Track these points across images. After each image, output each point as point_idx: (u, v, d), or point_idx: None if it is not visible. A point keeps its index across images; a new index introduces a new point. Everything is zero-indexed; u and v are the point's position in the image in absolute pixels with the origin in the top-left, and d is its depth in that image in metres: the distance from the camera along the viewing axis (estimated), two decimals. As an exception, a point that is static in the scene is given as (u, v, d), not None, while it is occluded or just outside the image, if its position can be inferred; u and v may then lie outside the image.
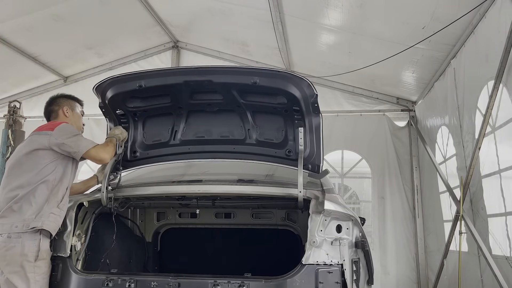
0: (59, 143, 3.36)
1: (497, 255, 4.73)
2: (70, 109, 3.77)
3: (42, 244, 3.17)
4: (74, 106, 3.82)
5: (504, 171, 4.69)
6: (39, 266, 3.14)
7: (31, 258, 3.12)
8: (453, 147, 6.06)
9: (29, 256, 3.11)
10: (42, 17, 7.00)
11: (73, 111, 3.79)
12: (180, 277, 3.16)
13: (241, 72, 3.64)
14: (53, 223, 3.23)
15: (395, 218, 7.81)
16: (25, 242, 3.13)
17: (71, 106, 3.79)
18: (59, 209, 3.30)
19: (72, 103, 3.82)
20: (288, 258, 3.58)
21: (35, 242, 3.15)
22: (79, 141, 3.43)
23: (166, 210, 4.67)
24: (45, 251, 3.19)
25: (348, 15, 5.79)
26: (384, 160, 7.98)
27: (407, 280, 7.65)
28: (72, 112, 3.78)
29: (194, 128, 3.96)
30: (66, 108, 3.74)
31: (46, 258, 3.21)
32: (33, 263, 3.12)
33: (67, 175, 3.44)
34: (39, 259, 3.14)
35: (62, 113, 3.72)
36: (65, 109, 3.73)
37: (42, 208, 3.22)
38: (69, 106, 3.77)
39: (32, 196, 3.24)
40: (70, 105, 3.79)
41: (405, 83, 7.42)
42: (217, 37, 8.18)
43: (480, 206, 5.13)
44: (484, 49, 4.87)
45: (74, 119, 3.76)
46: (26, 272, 3.10)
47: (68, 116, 3.73)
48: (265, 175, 4.08)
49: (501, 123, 4.75)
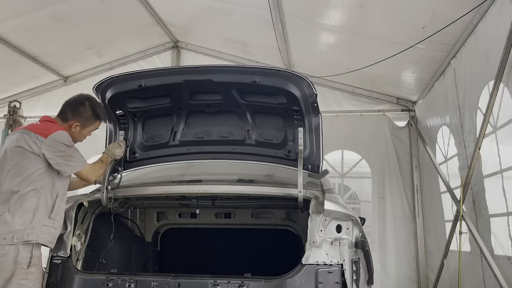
0: (49, 157, 3.16)
1: (499, 255, 4.73)
2: (81, 126, 3.44)
3: (35, 251, 3.11)
4: (90, 124, 3.47)
5: (505, 171, 4.68)
6: (31, 273, 3.08)
7: (24, 265, 3.05)
8: (455, 147, 6.05)
9: (22, 263, 3.05)
10: (42, 17, 7.00)
11: (82, 129, 3.45)
12: (180, 277, 3.16)
13: (241, 71, 3.65)
14: (48, 235, 3.15)
15: (395, 218, 7.81)
16: (19, 248, 3.05)
17: (85, 124, 3.44)
18: (51, 219, 3.18)
19: (90, 120, 3.46)
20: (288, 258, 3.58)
21: (28, 249, 3.08)
22: (69, 161, 3.23)
23: (166, 210, 4.67)
24: (37, 257, 3.13)
25: (348, 15, 5.79)
26: (384, 160, 7.98)
27: (407, 280, 7.65)
28: (81, 131, 3.45)
29: (194, 129, 3.96)
30: (77, 124, 3.42)
31: (38, 263, 3.15)
32: (26, 270, 3.05)
33: (57, 183, 3.26)
34: (32, 265, 3.08)
35: (70, 125, 3.41)
36: (75, 125, 3.42)
37: (32, 219, 3.09)
38: (81, 124, 3.43)
39: (20, 206, 3.09)
40: (86, 122, 3.44)
41: (405, 83, 7.42)
42: (217, 37, 8.18)
43: (482, 206, 5.12)
44: (484, 49, 4.87)
45: (78, 136, 3.47)
46: (18, 279, 3.03)
47: (74, 131, 3.42)
48: (265, 175, 4.08)
49: (502, 123, 4.74)
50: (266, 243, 4.78)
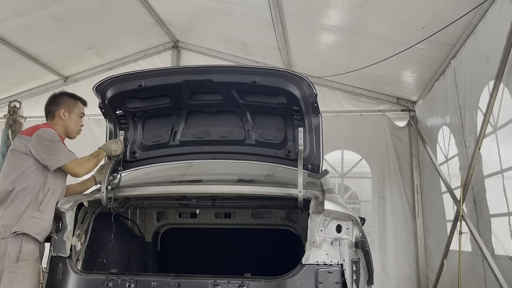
0: (36, 154, 3.33)
1: (500, 255, 4.73)
2: (68, 111, 3.65)
3: (24, 245, 3.16)
4: (74, 107, 3.70)
5: (506, 171, 4.69)
6: (21, 267, 3.13)
7: (13, 259, 3.12)
8: (455, 147, 6.05)
9: (11, 256, 3.12)
10: (42, 17, 7.00)
11: (70, 113, 3.67)
12: (180, 277, 3.16)
13: (241, 71, 3.64)
14: (34, 226, 3.21)
15: (395, 218, 7.81)
16: (8, 243, 3.14)
17: (69, 107, 3.67)
18: (40, 212, 3.27)
19: (72, 103, 3.70)
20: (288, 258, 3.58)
21: (17, 243, 3.15)
22: (55, 155, 3.37)
23: (166, 210, 4.66)
24: (27, 252, 3.17)
25: (348, 15, 5.79)
26: (384, 160, 7.98)
27: (407, 280, 7.65)
28: (70, 115, 3.66)
29: (194, 129, 3.96)
30: (63, 110, 3.64)
31: (29, 259, 3.18)
32: (15, 264, 3.12)
33: (49, 179, 3.39)
34: (21, 259, 3.13)
35: (59, 115, 3.64)
36: (62, 111, 3.63)
37: (23, 213, 3.22)
38: (67, 108, 3.65)
39: (14, 202, 3.24)
40: (69, 106, 3.67)
41: (405, 83, 7.42)
42: (217, 37, 8.18)
43: (483, 206, 5.12)
44: (484, 49, 4.87)
45: (70, 122, 3.67)
46: (8, 273, 3.11)
47: (64, 118, 3.64)
48: (265, 175, 4.07)
49: (502, 122, 4.74)
50: (266, 243, 4.77)
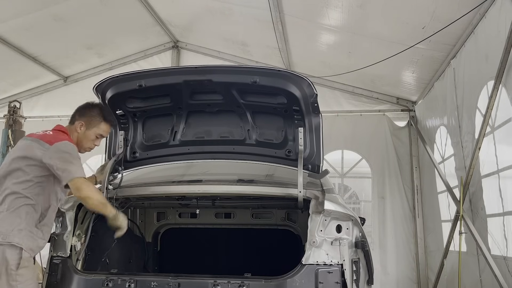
0: (50, 164, 3.14)
1: (495, 255, 4.74)
2: (85, 127, 3.41)
3: (24, 253, 3.08)
4: (94, 125, 3.43)
5: (502, 171, 4.69)
6: (21, 275, 3.06)
7: (13, 267, 3.03)
8: (451, 147, 6.06)
9: (11, 264, 3.03)
10: (42, 17, 7.00)
11: (87, 129, 3.42)
12: (180, 277, 3.16)
13: (241, 71, 3.64)
14: (29, 242, 3.10)
15: (395, 218, 7.82)
16: (6, 249, 3.04)
17: (90, 124, 3.42)
18: (37, 229, 3.15)
19: (95, 121, 3.43)
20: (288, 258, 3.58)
21: (16, 251, 3.06)
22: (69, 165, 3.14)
23: (166, 210, 4.67)
24: (26, 259, 3.09)
25: (348, 15, 5.79)
26: (384, 160, 7.99)
27: (407, 280, 7.66)
28: (86, 131, 3.42)
29: (194, 129, 3.96)
30: (82, 123, 3.41)
31: (28, 265, 3.12)
32: (15, 271, 3.04)
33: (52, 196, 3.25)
34: (21, 267, 3.06)
35: (76, 126, 3.42)
36: (79, 124, 3.41)
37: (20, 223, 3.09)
38: (86, 123, 3.41)
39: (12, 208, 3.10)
40: (90, 123, 3.42)
41: (405, 83, 7.42)
42: (217, 37, 8.18)
43: (479, 206, 5.13)
44: (484, 49, 4.87)
45: (83, 138, 3.44)
46: (9, 280, 3.03)
47: (79, 132, 3.42)
48: (265, 175, 4.07)
49: (499, 123, 4.75)
50: (266, 243, 4.77)
